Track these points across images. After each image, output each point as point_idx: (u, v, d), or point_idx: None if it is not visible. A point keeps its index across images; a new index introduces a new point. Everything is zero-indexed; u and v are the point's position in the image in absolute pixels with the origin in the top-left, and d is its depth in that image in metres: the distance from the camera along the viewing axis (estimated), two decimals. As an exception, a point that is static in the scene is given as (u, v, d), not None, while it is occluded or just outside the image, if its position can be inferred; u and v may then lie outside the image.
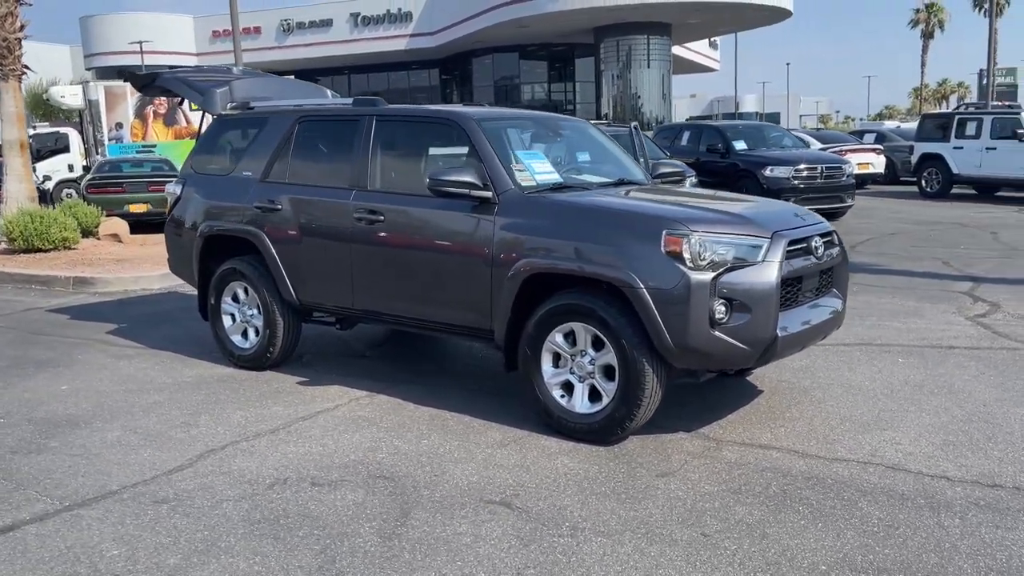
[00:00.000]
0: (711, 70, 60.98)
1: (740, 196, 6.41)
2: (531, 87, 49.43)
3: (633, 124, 11.22)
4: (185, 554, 3.40)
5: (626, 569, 3.21)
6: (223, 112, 6.47)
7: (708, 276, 4.15)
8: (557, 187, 4.99)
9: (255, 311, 6.06)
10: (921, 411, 4.94)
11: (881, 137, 23.86)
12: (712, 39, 55.71)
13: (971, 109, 19.99)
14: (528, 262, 4.56)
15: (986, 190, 19.00)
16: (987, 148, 17.66)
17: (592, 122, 7.76)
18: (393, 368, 6.17)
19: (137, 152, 23.06)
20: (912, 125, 28.13)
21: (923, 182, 19.14)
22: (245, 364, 6.11)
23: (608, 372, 4.45)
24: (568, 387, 4.62)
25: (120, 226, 12.95)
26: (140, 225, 14.53)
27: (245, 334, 6.18)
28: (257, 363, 6.05)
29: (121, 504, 3.88)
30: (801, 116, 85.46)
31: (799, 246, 4.49)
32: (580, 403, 4.54)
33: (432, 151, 5.47)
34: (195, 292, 6.56)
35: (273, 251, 5.77)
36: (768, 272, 4.24)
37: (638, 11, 38.38)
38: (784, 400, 5.19)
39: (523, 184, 4.87)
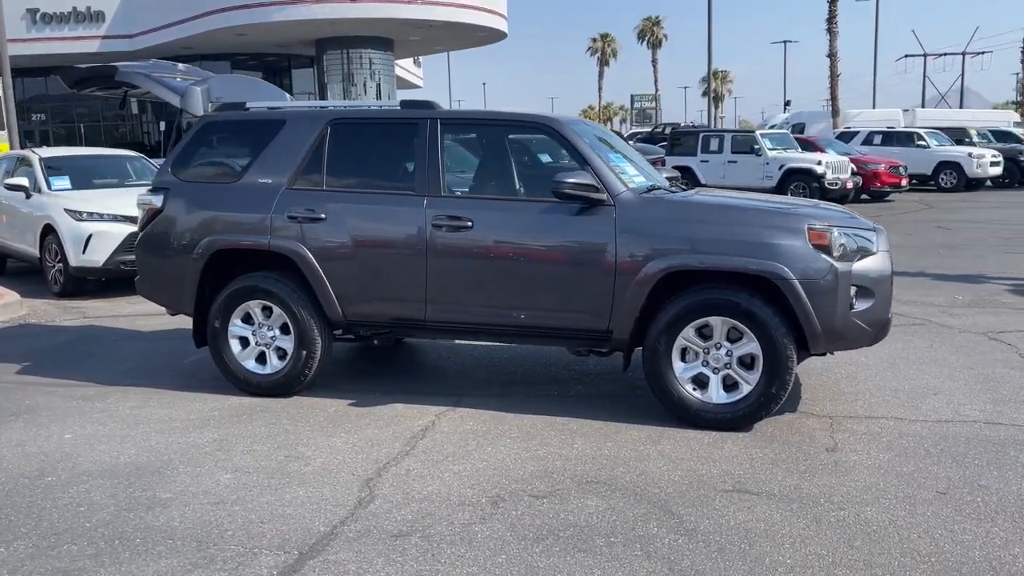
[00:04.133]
0: (416, 86, 62.33)
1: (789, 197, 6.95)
2: (242, 98, 47.29)
3: (615, 131, 11.45)
4: (520, 579, 3.18)
5: (929, 529, 3.53)
6: (209, 113, 5.78)
7: (849, 266, 4.60)
8: (650, 189, 5.18)
9: (277, 332, 5.50)
10: (936, 378, 5.78)
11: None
12: (417, 57, 57.06)
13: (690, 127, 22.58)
14: (666, 260, 4.69)
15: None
16: (729, 161, 20.17)
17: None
18: (429, 380, 5.95)
19: None
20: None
21: (674, 191, 21.33)
22: (266, 391, 5.52)
23: (745, 362, 4.73)
24: (697, 380, 4.82)
25: None
26: None
27: (261, 358, 5.58)
28: (285, 388, 5.50)
29: (362, 544, 3.48)
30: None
31: (881, 239, 5.09)
32: (716, 394, 4.77)
33: (520, 154, 5.38)
34: (49, 323, 5.76)
35: (316, 265, 5.29)
36: (884, 260, 4.80)
37: (360, 25, 38.30)
38: (825, 377, 5.78)
39: (630, 186, 5.00)
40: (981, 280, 9.68)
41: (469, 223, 5.06)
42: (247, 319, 5.57)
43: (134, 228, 9.45)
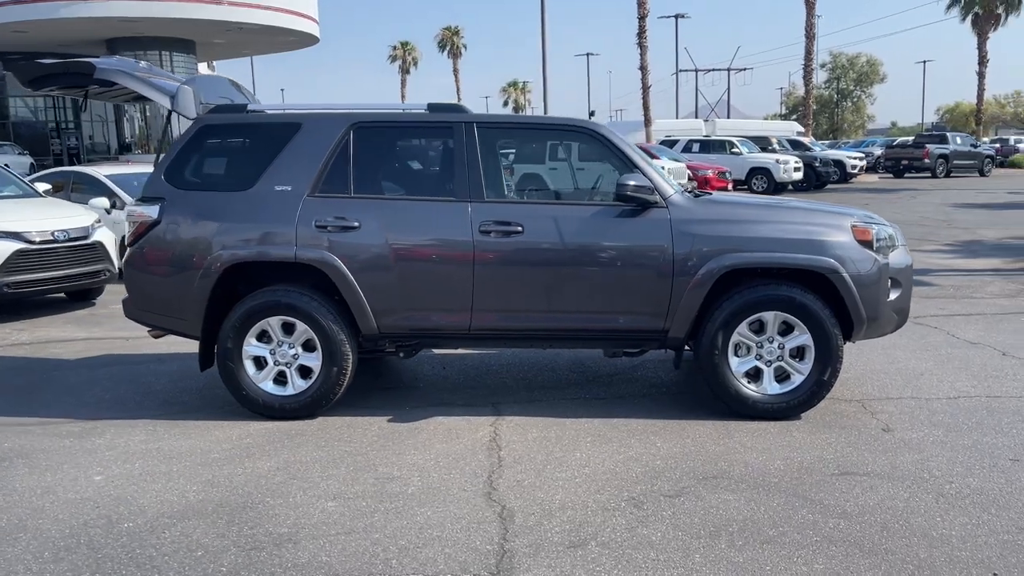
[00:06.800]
0: (212, 92, 59.48)
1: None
2: (23, 100, 42.84)
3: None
4: None
5: (1036, 492, 3.92)
6: (206, 116, 5.30)
7: (886, 259, 4.98)
8: (685, 191, 5.33)
9: (300, 349, 5.15)
10: (909, 360, 6.33)
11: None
12: (211, 61, 54.46)
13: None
14: (729, 258, 4.84)
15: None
16: (578, 169, 20.80)
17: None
18: (447, 391, 5.77)
19: None
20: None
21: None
22: (289, 414, 5.15)
23: (793, 353, 4.99)
24: (748, 373, 5.02)
25: None
26: None
27: (280, 379, 5.19)
28: (311, 409, 5.16)
29: (546, 558, 3.38)
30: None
31: (889, 235, 5.53)
32: (770, 386, 5.00)
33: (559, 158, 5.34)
34: None
35: (349, 276, 5.00)
36: (906, 255, 5.22)
37: (160, 25, 35.96)
38: (819, 367, 6.18)
39: (674, 188, 5.12)
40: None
41: (519, 228, 4.98)
42: (262, 337, 5.16)
43: (19, 245, 8.52)
